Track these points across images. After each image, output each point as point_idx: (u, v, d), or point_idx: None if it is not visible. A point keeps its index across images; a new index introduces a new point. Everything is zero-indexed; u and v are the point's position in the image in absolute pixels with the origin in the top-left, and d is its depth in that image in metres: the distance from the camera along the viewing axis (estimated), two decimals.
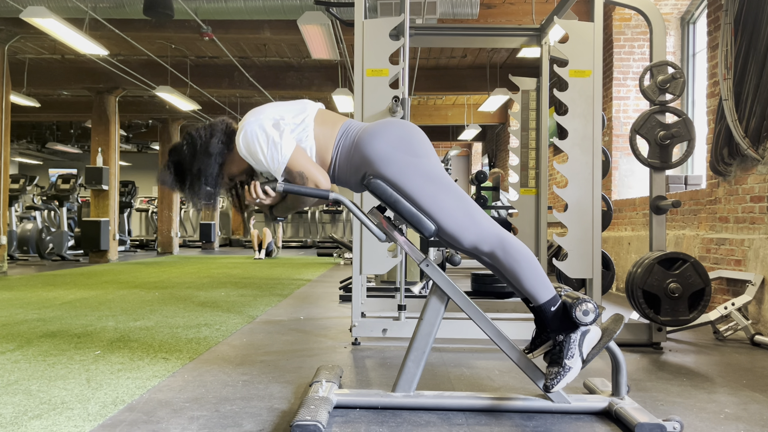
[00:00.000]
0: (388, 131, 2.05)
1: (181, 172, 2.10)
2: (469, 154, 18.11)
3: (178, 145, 2.13)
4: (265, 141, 1.99)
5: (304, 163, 2.02)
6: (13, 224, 9.87)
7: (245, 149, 2.02)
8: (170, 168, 2.12)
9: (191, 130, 2.13)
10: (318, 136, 2.08)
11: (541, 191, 4.35)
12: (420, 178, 2.00)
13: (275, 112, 2.07)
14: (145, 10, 5.63)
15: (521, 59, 9.11)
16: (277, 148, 1.99)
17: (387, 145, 2.02)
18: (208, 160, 2.06)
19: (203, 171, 2.06)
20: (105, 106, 9.83)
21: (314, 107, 2.14)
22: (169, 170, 2.12)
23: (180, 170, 2.11)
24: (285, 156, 2.00)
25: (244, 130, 2.02)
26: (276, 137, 2.00)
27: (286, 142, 2.00)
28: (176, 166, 2.11)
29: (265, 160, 2.00)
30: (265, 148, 1.99)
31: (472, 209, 2.02)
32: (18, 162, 18.65)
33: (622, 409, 1.98)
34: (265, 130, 2.00)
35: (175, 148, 2.13)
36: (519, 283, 2.02)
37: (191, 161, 2.07)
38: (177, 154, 2.12)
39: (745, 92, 3.86)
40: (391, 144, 2.02)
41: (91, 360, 2.83)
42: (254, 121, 2.03)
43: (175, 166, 2.12)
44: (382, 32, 3.24)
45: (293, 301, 5.07)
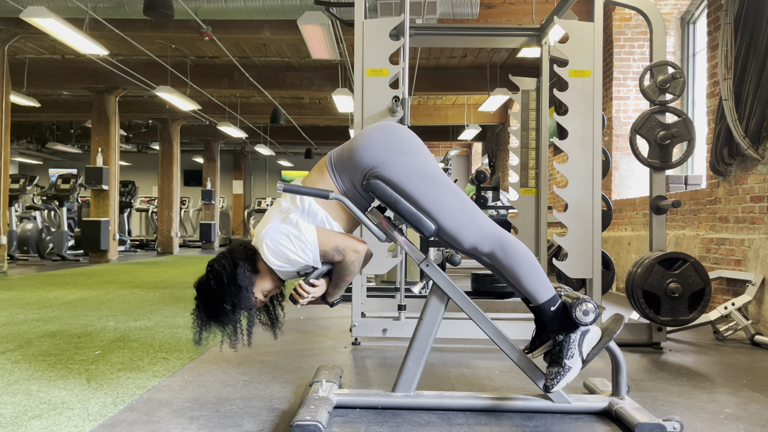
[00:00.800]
0: (375, 138, 2.03)
1: (215, 310, 2.04)
2: (469, 154, 18.11)
3: (204, 284, 2.05)
4: (289, 241, 1.96)
5: (331, 238, 1.99)
6: (13, 224, 9.87)
7: (277, 260, 1.98)
8: (201, 309, 2.06)
9: (213, 264, 2.05)
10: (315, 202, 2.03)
11: (541, 191, 4.35)
12: (418, 178, 2.00)
13: (279, 213, 2.04)
14: (145, 10, 5.63)
15: (521, 59, 9.11)
16: (302, 240, 1.96)
17: (377, 150, 2.00)
18: (239, 292, 2.01)
19: (238, 303, 2.02)
20: (105, 106, 9.83)
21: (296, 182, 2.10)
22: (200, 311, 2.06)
23: (213, 308, 2.04)
24: (314, 243, 1.96)
25: (265, 244, 1.98)
26: (294, 231, 1.97)
27: (305, 230, 1.97)
28: (207, 305, 2.05)
29: (299, 257, 1.97)
30: (293, 247, 1.96)
31: (471, 209, 2.02)
32: (18, 162, 18.66)
33: (622, 409, 1.98)
34: (282, 232, 1.98)
35: (202, 287, 2.06)
36: (519, 282, 2.02)
37: (223, 297, 2.01)
38: (206, 292, 2.05)
39: (745, 92, 3.86)
40: (381, 148, 2.00)
41: (91, 360, 2.83)
42: (269, 230, 1.99)
43: (206, 305, 2.05)
44: (382, 32, 3.24)
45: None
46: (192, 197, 18.39)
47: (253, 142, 16.17)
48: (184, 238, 16.48)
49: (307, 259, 1.98)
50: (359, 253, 2.02)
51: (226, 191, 19.25)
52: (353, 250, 2.00)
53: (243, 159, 19.00)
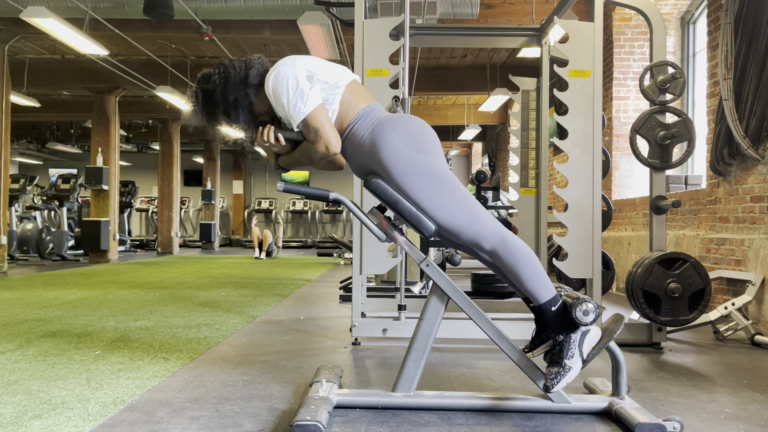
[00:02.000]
0: (402, 125, 2.05)
1: (212, 101, 2.10)
2: (469, 154, 18.11)
3: (210, 74, 2.12)
4: (294, 88, 2.00)
5: (323, 121, 2.02)
6: (13, 224, 9.87)
7: (272, 89, 2.03)
8: (199, 95, 2.11)
9: (226, 60, 2.12)
10: (344, 102, 2.08)
11: (541, 191, 4.35)
12: (423, 175, 2.00)
13: (312, 65, 2.07)
14: (145, 10, 5.63)
15: (521, 59, 9.11)
16: (303, 99, 1.99)
17: (398, 137, 2.02)
18: (245, 90, 2.06)
19: (239, 101, 2.07)
20: (105, 106, 9.83)
21: (351, 76, 2.15)
22: (198, 97, 2.11)
23: (211, 98, 2.10)
24: (308, 108, 2.00)
25: (278, 71, 2.03)
26: (305, 88, 2.00)
27: (313, 95, 2.01)
28: (206, 94, 2.10)
29: (288, 105, 2.01)
30: (291, 94, 2.00)
31: (475, 207, 2.02)
32: (18, 162, 18.65)
33: (622, 409, 1.98)
34: (297, 77, 2.01)
35: (207, 76, 2.12)
36: (520, 282, 2.02)
37: (225, 90, 2.06)
38: (209, 82, 2.10)
39: (745, 92, 3.86)
40: (402, 137, 2.02)
41: (91, 360, 2.83)
42: (290, 65, 2.04)
43: (204, 93, 2.11)
44: (382, 32, 3.24)
45: (293, 301, 5.07)
46: (192, 197, 18.39)
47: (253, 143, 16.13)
48: (184, 238, 16.48)
49: (289, 114, 2.01)
50: (328, 151, 2.02)
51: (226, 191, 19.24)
52: (326, 144, 2.02)
53: (243, 159, 19.00)
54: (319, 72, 2.06)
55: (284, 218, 18.43)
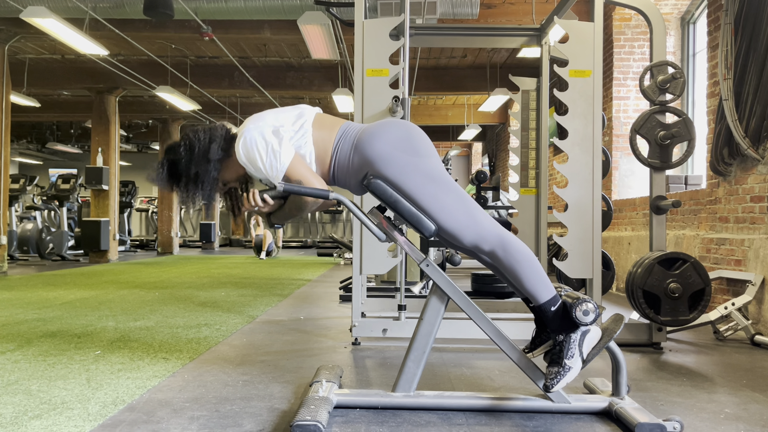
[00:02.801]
0: (387, 131, 2.05)
1: (177, 173, 2.09)
2: (469, 154, 18.11)
3: (175, 146, 2.11)
4: (264, 149, 2.00)
5: (302, 171, 2.02)
6: (13, 224, 9.87)
7: (245, 156, 2.02)
8: (165, 167, 2.10)
9: (190, 131, 2.11)
10: (317, 140, 2.07)
11: (541, 191, 4.35)
12: (421, 178, 2.00)
13: (275, 120, 2.06)
14: (145, 10, 5.63)
15: (521, 59, 9.11)
16: (276, 157, 1.99)
17: (387, 144, 2.02)
18: (206, 165, 2.05)
19: (200, 175, 2.06)
20: (105, 106, 9.83)
21: (312, 112, 2.14)
22: (163, 169, 2.11)
23: (175, 171, 2.09)
24: (284, 164, 2.00)
25: (244, 137, 2.02)
26: (275, 145, 2.00)
27: (285, 150, 2.00)
28: (171, 166, 2.10)
29: (264, 167, 2.00)
30: (264, 156, 2.00)
31: (473, 209, 2.02)
32: (18, 162, 18.65)
33: (622, 409, 1.98)
34: (264, 138, 2.00)
35: (172, 148, 2.11)
36: (519, 282, 2.02)
37: (188, 164, 2.06)
38: (174, 153, 2.10)
39: (745, 92, 3.86)
40: (391, 144, 2.02)
41: (91, 360, 2.83)
42: (254, 128, 2.03)
43: (170, 165, 2.10)
44: (382, 32, 3.24)
45: (293, 301, 5.07)
46: None
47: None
48: (184, 238, 16.48)
49: (270, 174, 2.01)
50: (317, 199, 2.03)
51: None
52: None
53: None
54: (283, 123, 2.05)
55: None
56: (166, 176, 2.10)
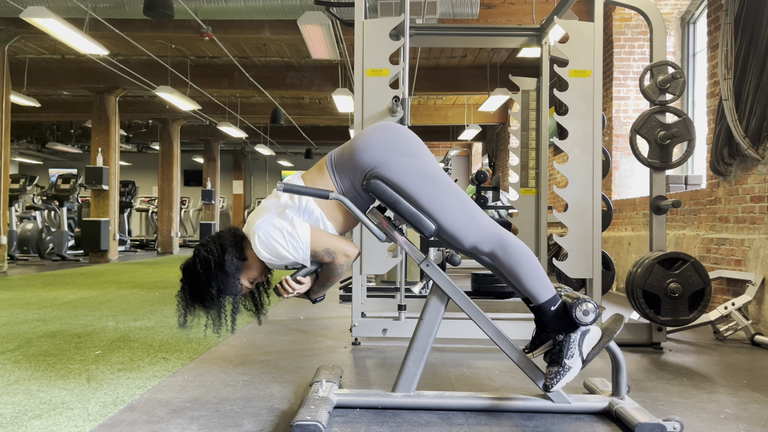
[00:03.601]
0: (375, 138, 2.02)
1: (201, 295, 2.05)
2: (469, 154, 18.11)
3: (191, 267, 2.05)
4: (282, 237, 1.96)
5: (324, 240, 1.99)
6: (13, 224, 9.87)
7: (266, 253, 1.98)
8: (187, 292, 2.06)
9: (200, 249, 2.04)
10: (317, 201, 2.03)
11: (541, 191, 4.35)
12: (418, 178, 1.99)
13: (275, 205, 2.03)
14: (145, 10, 5.63)
15: (521, 59, 9.11)
16: (296, 238, 1.96)
17: (378, 151, 2.00)
18: (226, 278, 2.01)
19: (224, 289, 2.02)
20: (105, 106, 9.83)
21: (296, 178, 2.09)
22: (185, 294, 2.06)
23: (199, 292, 2.05)
24: (306, 242, 1.97)
25: (257, 236, 1.98)
26: (289, 228, 1.97)
27: (300, 228, 1.97)
28: (194, 289, 2.05)
29: (289, 254, 1.97)
30: (285, 244, 1.96)
31: (472, 209, 2.02)
32: (18, 162, 18.65)
33: (622, 409, 1.98)
34: (276, 226, 1.97)
35: (188, 270, 2.06)
36: (519, 282, 2.01)
37: (209, 282, 2.02)
38: (192, 276, 2.05)
39: (745, 92, 3.86)
40: (382, 148, 2.00)
41: (91, 360, 2.83)
42: (263, 222, 1.99)
43: (192, 288, 2.06)
44: (382, 32, 3.24)
45: (293, 301, 5.07)
46: (192, 197, 18.39)
47: (253, 142, 16.17)
48: (184, 238, 16.48)
49: (297, 257, 1.99)
50: (349, 257, 2.02)
51: (226, 191, 19.25)
52: (344, 253, 2.01)
53: (243, 159, 19.01)
54: (284, 204, 2.02)
55: None
56: (191, 300, 2.07)
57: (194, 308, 2.08)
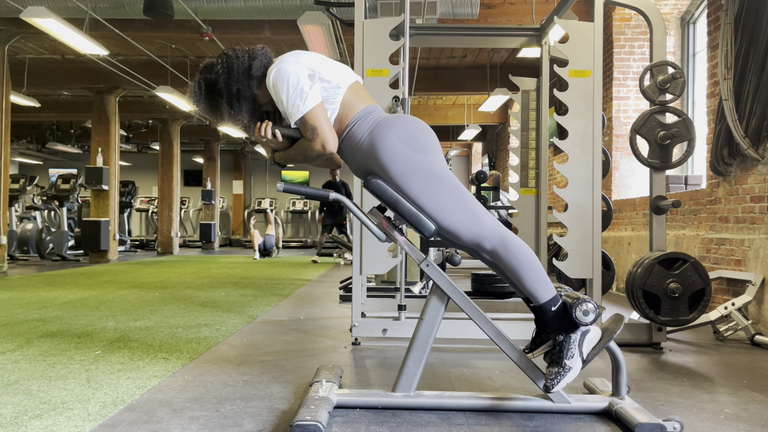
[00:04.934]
0: (401, 125, 2.05)
1: (217, 91, 2.10)
2: (469, 154, 18.10)
3: (213, 64, 2.11)
4: (294, 85, 2.00)
5: (321, 120, 2.02)
6: (13, 224, 9.87)
7: (273, 84, 2.03)
8: (203, 86, 2.10)
9: (229, 50, 2.12)
10: (344, 103, 2.08)
11: (541, 191, 4.35)
12: (423, 176, 2.00)
13: (315, 63, 2.07)
14: (145, 10, 5.63)
15: (521, 59, 9.11)
16: (302, 97, 1.99)
17: (397, 138, 2.02)
18: (247, 81, 2.07)
19: (242, 92, 2.07)
20: (105, 106, 9.83)
21: (353, 77, 2.15)
22: (201, 88, 2.10)
23: (215, 89, 2.10)
24: (307, 107, 2.00)
25: (280, 66, 2.03)
26: (305, 86, 2.00)
27: (312, 94, 2.01)
28: (210, 85, 2.10)
29: (286, 101, 2.01)
30: (291, 91, 2.00)
31: (475, 207, 2.02)
32: (18, 162, 18.65)
33: (622, 409, 1.98)
34: (298, 75, 2.01)
35: (210, 67, 2.12)
36: (520, 282, 2.02)
37: (228, 81, 2.07)
38: (212, 72, 2.10)
39: (745, 92, 3.86)
40: (401, 138, 2.02)
41: (91, 360, 2.83)
42: (293, 62, 2.04)
43: (208, 84, 2.10)
44: (382, 32, 3.24)
45: (293, 301, 5.07)
46: (192, 197, 18.38)
47: (253, 142, 16.17)
48: (184, 238, 16.48)
49: (287, 110, 2.01)
50: (324, 149, 2.02)
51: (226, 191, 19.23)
52: (322, 143, 2.02)
53: (243, 159, 19.00)
54: (321, 71, 2.06)
55: (284, 218, 18.43)
56: (205, 95, 2.11)
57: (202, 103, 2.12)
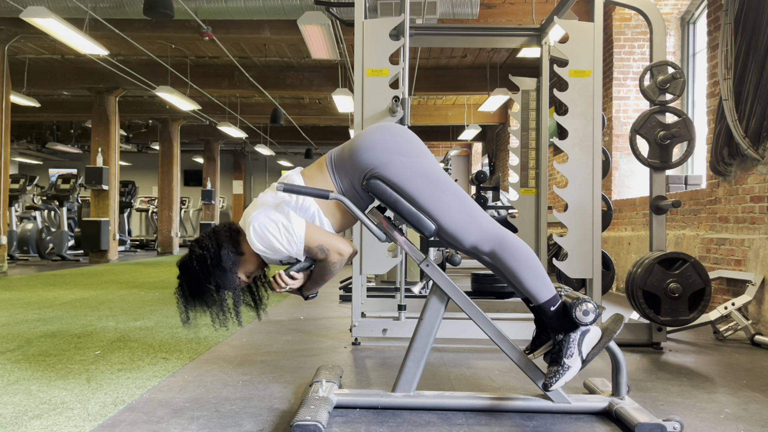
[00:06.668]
0: (375, 139, 2.02)
1: (199, 291, 2.04)
2: (469, 154, 18.11)
3: (187, 264, 2.05)
4: (277, 229, 1.95)
5: (318, 236, 1.99)
6: (13, 224, 9.87)
7: (260, 245, 1.97)
8: (185, 288, 2.05)
9: (195, 245, 2.04)
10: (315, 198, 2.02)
11: (541, 191, 4.35)
12: (418, 178, 1.99)
13: (273, 198, 2.03)
14: (145, 10, 5.63)
15: (521, 59, 9.11)
16: (291, 232, 1.95)
17: (378, 151, 2.00)
18: (223, 273, 2.00)
19: (222, 284, 2.02)
20: (105, 106, 9.83)
21: (295, 174, 2.09)
22: (184, 291, 2.06)
23: (197, 289, 2.05)
24: (300, 236, 1.96)
25: (253, 227, 1.97)
26: (284, 221, 1.96)
27: (295, 222, 1.97)
28: (191, 286, 2.05)
29: (282, 247, 1.96)
30: (279, 236, 1.95)
31: (472, 208, 2.02)
32: (18, 162, 18.65)
33: (622, 409, 1.98)
34: (272, 219, 1.96)
35: (184, 267, 2.05)
36: (519, 282, 2.01)
37: (206, 278, 2.01)
38: (188, 273, 2.04)
39: (745, 92, 3.86)
40: (382, 149, 2.00)
41: (91, 360, 2.83)
42: (258, 214, 1.98)
43: (189, 285, 2.05)
44: (382, 32, 3.24)
45: (293, 301, 5.07)
46: (192, 197, 18.39)
47: (253, 142, 16.17)
48: (184, 238, 16.47)
49: (291, 251, 1.98)
50: (342, 255, 2.01)
51: (226, 191, 19.25)
52: (337, 251, 2.00)
53: (243, 159, 19.01)
54: (282, 198, 2.02)
55: None
56: (190, 298, 2.06)
57: (194, 305, 2.08)
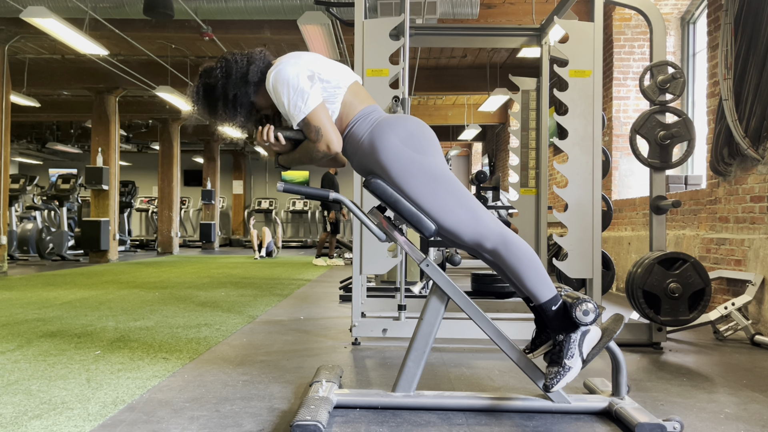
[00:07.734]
0: (401, 125, 2.05)
1: (214, 96, 2.10)
2: (469, 154, 18.11)
3: (212, 68, 2.11)
4: (295, 87, 1.99)
5: (324, 120, 2.01)
6: (13, 224, 9.87)
7: (272, 86, 2.02)
8: (200, 90, 2.11)
9: (227, 55, 2.12)
10: (345, 103, 2.08)
11: (541, 191, 4.35)
12: (423, 176, 2.00)
13: (314, 64, 2.06)
14: (145, 10, 5.63)
15: (521, 59, 9.11)
16: (303, 98, 1.99)
17: (396, 138, 2.02)
18: (245, 87, 2.06)
19: (239, 97, 2.07)
20: (105, 106, 9.83)
21: (353, 77, 2.15)
22: (198, 92, 2.11)
23: (213, 94, 2.10)
24: (309, 107, 1.99)
25: (279, 68, 2.02)
26: (306, 87, 2.00)
27: (313, 94, 2.00)
28: (208, 89, 2.11)
29: (288, 104, 2.00)
30: (291, 93, 1.99)
31: (475, 207, 2.02)
32: (18, 162, 18.65)
33: (622, 409, 1.98)
34: (297, 76, 2.00)
35: (208, 71, 2.12)
36: (520, 281, 2.02)
37: (226, 86, 2.07)
38: (210, 77, 2.10)
39: (745, 92, 3.86)
40: (401, 138, 2.02)
41: (91, 360, 2.83)
42: (292, 63, 2.03)
43: (206, 88, 2.11)
44: (382, 32, 3.24)
45: (293, 301, 5.07)
46: (192, 197, 18.38)
47: (254, 143, 16.14)
48: (184, 238, 16.48)
49: (290, 113, 2.01)
50: (330, 149, 2.02)
51: (226, 191, 19.23)
52: (327, 143, 2.01)
53: (243, 159, 19.00)
54: (321, 71, 2.05)
55: (284, 218, 18.43)
56: (203, 99, 2.11)
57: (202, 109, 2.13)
